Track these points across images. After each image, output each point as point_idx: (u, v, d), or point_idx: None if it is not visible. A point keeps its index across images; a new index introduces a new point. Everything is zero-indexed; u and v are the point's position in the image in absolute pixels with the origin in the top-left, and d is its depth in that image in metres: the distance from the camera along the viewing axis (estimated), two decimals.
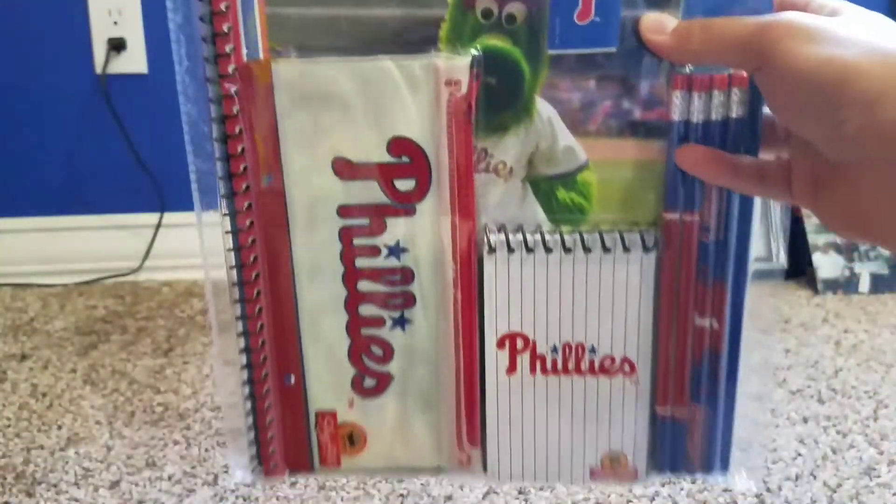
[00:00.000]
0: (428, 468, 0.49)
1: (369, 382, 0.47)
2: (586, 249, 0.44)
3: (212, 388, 1.07)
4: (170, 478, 0.88)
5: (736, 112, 0.40)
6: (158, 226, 1.49)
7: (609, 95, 0.41)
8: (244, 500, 0.85)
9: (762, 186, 0.40)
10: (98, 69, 1.44)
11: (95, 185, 1.51)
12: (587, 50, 0.40)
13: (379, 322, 0.46)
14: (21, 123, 1.47)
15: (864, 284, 1.40)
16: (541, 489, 0.85)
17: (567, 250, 0.44)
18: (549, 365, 0.46)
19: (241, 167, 0.43)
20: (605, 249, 0.44)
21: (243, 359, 0.46)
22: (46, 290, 1.43)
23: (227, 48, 0.41)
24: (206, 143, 0.42)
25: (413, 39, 0.41)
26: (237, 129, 0.42)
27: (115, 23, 1.43)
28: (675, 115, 0.41)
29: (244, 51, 0.41)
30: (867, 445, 0.93)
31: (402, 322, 0.46)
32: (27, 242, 1.50)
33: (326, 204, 0.43)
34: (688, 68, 0.40)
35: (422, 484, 0.86)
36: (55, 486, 0.87)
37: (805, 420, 0.97)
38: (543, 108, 0.42)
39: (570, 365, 0.46)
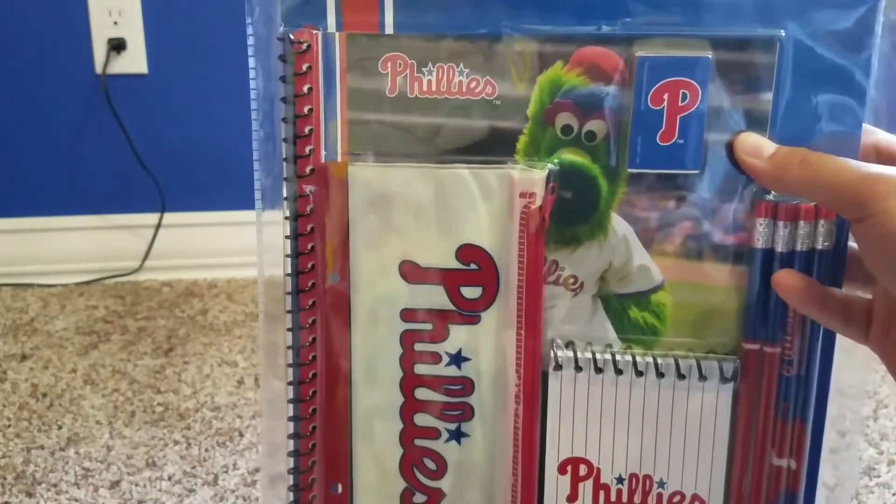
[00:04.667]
0: None
1: (419, 498, 0.45)
2: (659, 374, 0.41)
3: (212, 388, 1.07)
4: (170, 478, 0.88)
5: (822, 244, 0.39)
6: (158, 226, 1.49)
7: (689, 216, 0.40)
8: (244, 500, 0.85)
9: (844, 325, 0.39)
10: (98, 69, 1.44)
11: (95, 185, 1.51)
12: (668, 171, 0.39)
13: (434, 433, 0.44)
14: (21, 123, 1.47)
15: None
16: None
17: (639, 373, 0.41)
18: (613, 496, 0.43)
19: (309, 265, 0.42)
20: (680, 376, 0.41)
21: (290, 462, 0.44)
22: (47, 290, 1.43)
23: (307, 149, 0.41)
24: None
25: (490, 150, 0.40)
26: (308, 228, 0.42)
27: (116, 23, 1.43)
28: (759, 243, 0.39)
29: (323, 153, 0.41)
30: (867, 445, 0.93)
31: (458, 435, 0.44)
32: (27, 242, 1.51)
33: (390, 306, 0.42)
34: (772, 195, 0.39)
35: None
36: (55, 486, 0.87)
37: None
38: (619, 224, 0.40)
39: (637, 498, 0.43)
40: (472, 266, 0.41)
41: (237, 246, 1.40)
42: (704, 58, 0.38)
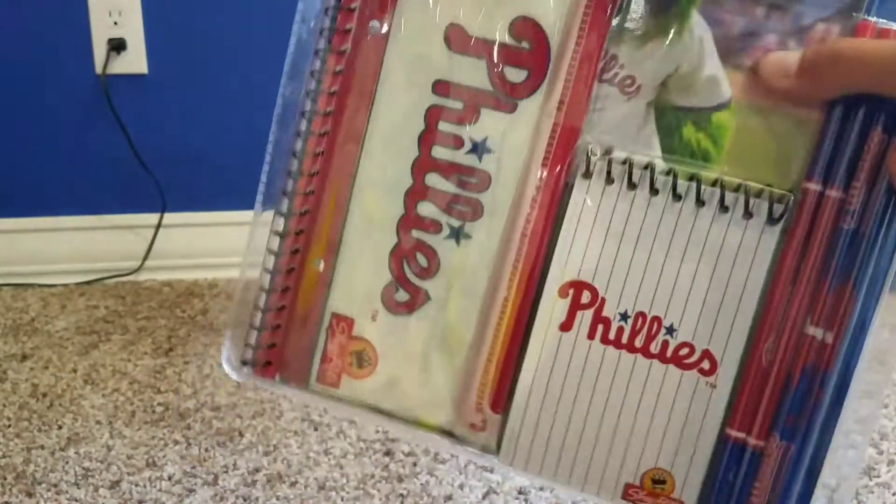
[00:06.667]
0: (432, 425, 0.42)
1: (401, 296, 0.41)
2: (700, 202, 0.36)
3: (212, 388, 1.07)
4: (170, 478, 0.88)
5: None
6: (159, 226, 1.49)
7: (777, 30, 0.35)
8: (244, 499, 0.85)
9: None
10: (98, 69, 1.44)
11: (95, 185, 1.51)
12: None
13: (434, 227, 0.40)
14: (21, 123, 1.47)
15: None
16: (541, 489, 0.85)
17: (677, 197, 0.36)
18: (612, 333, 0.38)
19: (353, 5, 0.40)
20: (723, 208, 0.36)
21: (279, 224, 0.42)
22: (47, 290, 1.43)
23: None
24: None
25: None
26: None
27: (116, 23, 1.43)
28: None
29: None
30: (867, 445, 0.93)
31: (459, 235, 0.40)
32: (27, 242, 1.51)
33: (425, 71, 0.39)
34: (873, 17, 0.34)
35: (421, 484, 0.86)
36: (55, 486, 0.87)
37: None
38: (697, 24, 0.36)
39: (638, 341, 0.38)
40: (524, 44, 0.38)
41: (237, 246, 1.39)
42: None
